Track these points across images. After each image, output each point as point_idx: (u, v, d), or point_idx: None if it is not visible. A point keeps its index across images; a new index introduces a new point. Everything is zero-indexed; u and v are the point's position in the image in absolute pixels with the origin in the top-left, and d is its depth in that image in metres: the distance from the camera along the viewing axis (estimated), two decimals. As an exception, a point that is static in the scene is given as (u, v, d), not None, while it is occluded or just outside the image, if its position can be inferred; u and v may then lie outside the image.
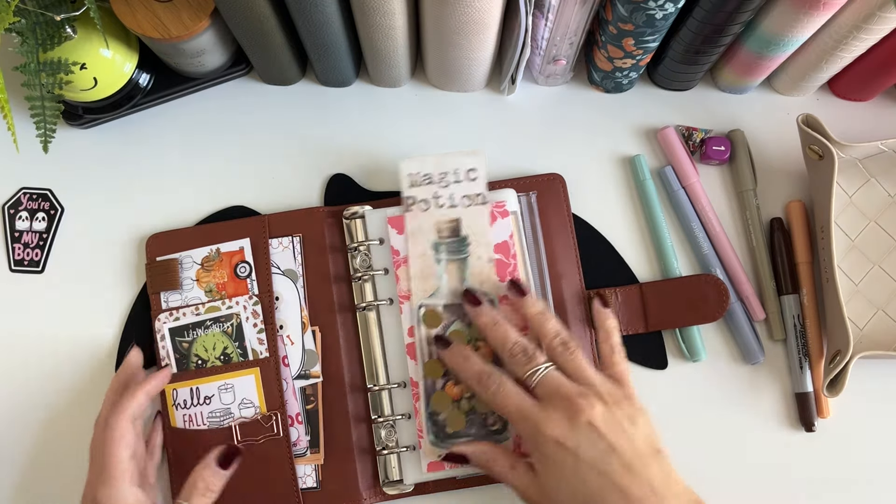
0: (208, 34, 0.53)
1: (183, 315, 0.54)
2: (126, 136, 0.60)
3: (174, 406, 0.53)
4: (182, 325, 0.54)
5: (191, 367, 0.53)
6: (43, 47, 0.49)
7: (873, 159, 0.58)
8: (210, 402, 0.53)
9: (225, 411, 0.53)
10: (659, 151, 0.60)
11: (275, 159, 0.60)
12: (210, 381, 0.53)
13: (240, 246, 0.55)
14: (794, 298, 0.56)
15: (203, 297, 0.54)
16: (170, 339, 0.54)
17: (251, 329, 0.54)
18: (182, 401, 0.53)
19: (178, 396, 0.53)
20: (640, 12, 0.47)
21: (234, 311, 0.54)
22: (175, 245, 0.55)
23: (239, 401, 0.53)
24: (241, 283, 0.55)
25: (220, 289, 0.55)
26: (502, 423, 0.51)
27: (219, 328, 0.54)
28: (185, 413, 0.53)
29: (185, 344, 0.54)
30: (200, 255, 0.55)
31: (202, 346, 0.54)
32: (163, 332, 0.54)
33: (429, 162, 0.53)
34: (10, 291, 0.57)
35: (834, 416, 0.55)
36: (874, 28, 0.48)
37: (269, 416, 0.53)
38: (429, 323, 0.52)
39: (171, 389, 0.53)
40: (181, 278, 0.55)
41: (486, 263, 0.52)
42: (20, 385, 0.56)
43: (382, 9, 0.49)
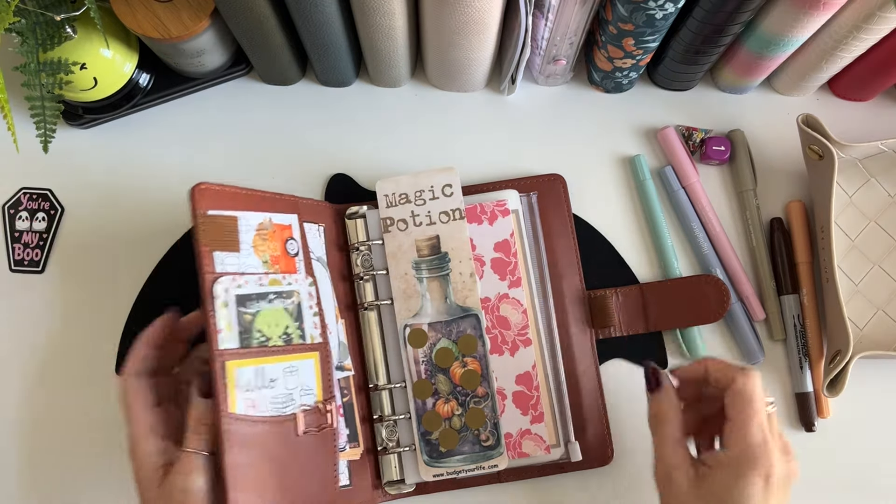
0: (208, 34, 0.53)
1: (245, 283, 0.46)
2: (126, 136, 0.60)
3: (236, 387, 0.44)
4: (246, 293, 0.46)
5: (253, 344, 0.46)
6: (43, 47, 0.49)
7: (873, 159, 0.58)
8: (274, 386, 0.46)
9: (287, 397, 0.47)
10: (659, 151, 0.60)
11: (275, 159, 0.60)
12: (276, 361, 0.47)
13: (289, 221, 0.51)
14: (794, 298, 0.56)
15: (260, 267, 0.48)
16: (235, 307, 0.46)
17: (308, 311, 0.50)
18: (245, 381, 0.45)
19: (241, 376, 0.45)
20: (640, 12, 0.47)
21: (293, 288, 0.49)
22: (228, 202, 0.48)
23: (301, 387, 0.48)
24: (291, 260, 0.50)
25: (273, 262, 0.49)
26: (495, 438, 0.51)
27: (281, 304, 0.48)
28: (247, 397, 0.44)
29: (248, 316, 0.46)
30: (256, 220, 0.49)
31: (265, 321, 0.47)
32: (226, 298, 0.45)
33: (403, 182, 0.53)
34: (10, 291, 0.57)
35: (834, 417, 0.55)
36: (874, 28, 0.48)
37: (325, 406, 0.48)
38: (414, 343, 0.52)
39: (234, 368, 0.44)
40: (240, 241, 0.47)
41: (468, 279, 0.52)
42: (20, 385, 0.56)
43: (382, 9, 0.49)
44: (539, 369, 0.52)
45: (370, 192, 0.58)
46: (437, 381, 0.52)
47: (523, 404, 0.52)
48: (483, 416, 0.51)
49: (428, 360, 0.52)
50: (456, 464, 0.51)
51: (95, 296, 0.57)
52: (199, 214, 0.45)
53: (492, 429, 0.51)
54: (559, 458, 0.52)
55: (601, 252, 0.58)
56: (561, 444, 0.52)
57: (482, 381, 0.52)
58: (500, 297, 0.53)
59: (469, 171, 0.59)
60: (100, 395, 0.55)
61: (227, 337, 0.44)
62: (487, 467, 0.51)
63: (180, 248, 0.57)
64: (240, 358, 0.45)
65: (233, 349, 0.44)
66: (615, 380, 0.56)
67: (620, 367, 0.56)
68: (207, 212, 0.46)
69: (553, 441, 0.52)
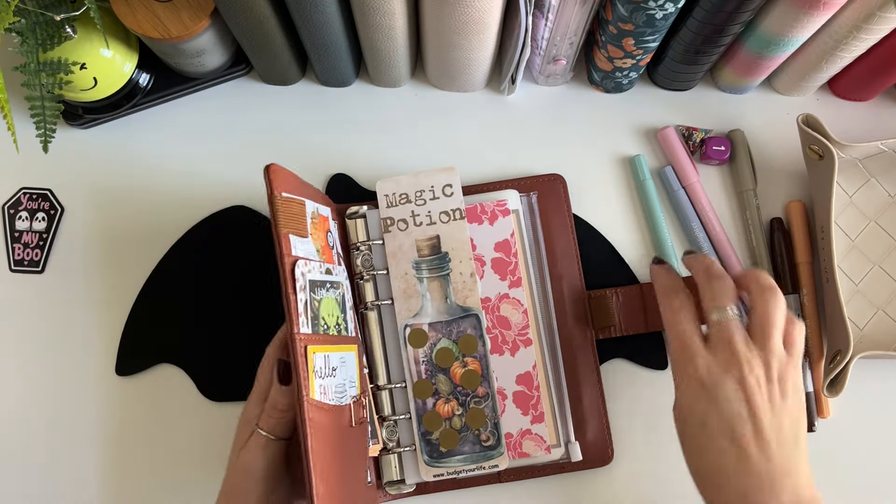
0: (208, 34, 0.53)
1: (311, 270, 0.45)
2: (126, 136, 0.60)
3: (314, 373, 0.43)
4: (314, 279, 0.45)
5: (320, 331, 0.45)
6: (43, 47, 0.49)
7: (873, 159, 0.58)
8: (335, 375, 0.45)
9: (342, 387, 0.46)
10: (659, 151, 0.60)
11: (275, 159, 0.59)
12: (336, 349, 0.46)
13: (327, 213, 0.51)
14: (795, 298, 0.56)
15: (317, 256, 0.47)
16: (308, 292, 0.44)
17: (348, 303, 0.49)
18: (318, 368, 0.43)
19: (316, 362, 0.43)
20: (640, 12, 0.47)
21: (339, 279, 0.48)
22: (294, 187, 0.47)
23: (349, 378, 0.47)
24: (330, 252, 0.49)
25: (322, 251, 0.48)
26: (496, 438, 0.51)
27: (334, 294, 0.47)
28: (321, 384, 0.43)
29: (316, 302, 0.45)
30: (310, 208, 0.48)
31: (326, 309, 0.46)
32: (304, 282, 0.44)
33: (404, 182, 0.53)
34: (9, 291, 0.57)
35: (835, 417, 0.55)
36: (874, 28, 0.48)
37: (362, 399, 0.48)
38: (414, 343, 0.52)
39: (313, 353, 0.43)
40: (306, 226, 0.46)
41: (469, 279, 0.52)
42: (20, 385, 0.56)
43: (382, 9, 0.49)
44: (539, 369, 0.52)
45: (370, 191, 0.58)
46: (437, 381, 0.52)
47: (524, 404, 0.52)
48: (483, 416, 0.51)
49: (428, 360, 0.52)
50: (456, 464, 0.51)
51: (95, 296, 0.57)
52: (277, 195, 0.44)
53: (492, 429, 0.51)
54: (559, 458, 0.52)
55: (601, 252, 0.58)
56: (561, 444, 0.52)
57: (482, 381, 0.52)
58: (501, 297, 0.53)
59: (469, 171, 0.59)
60: (99, 395, 0.55)
61: (304, 322, 0.43)
62: (488, 467, 0.51)
63: (180, 247, 0.57)
64: (315, 343, 0.44)
65: (309, 334, 0.43)
66: (615, 380, 0.56)
67: (620, 366, 0.56)
68: (283, 194, 0.45)
69: (553, 441, 0.51)
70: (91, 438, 0.55)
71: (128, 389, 0.56)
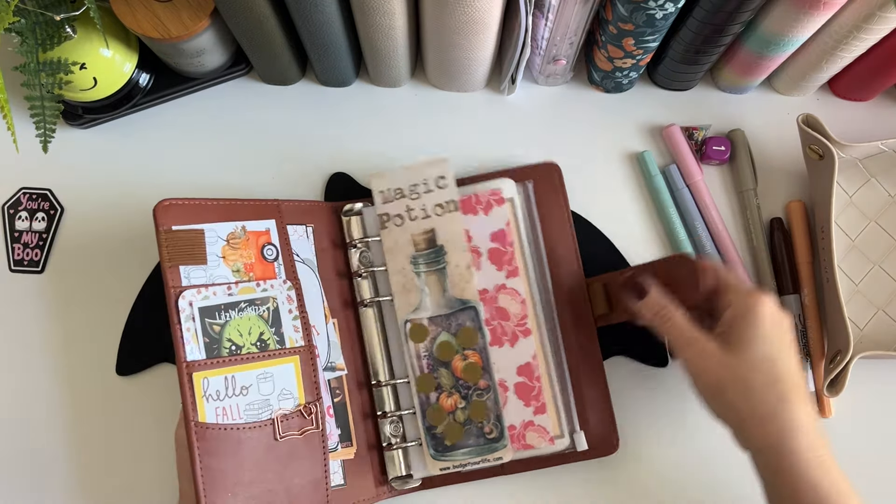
0: (208, 34, 0.53)
1: (213, 294, 0.48)
2: (126, 136, 0.60)
3: (204, 398, 0.46)
4: (212, 304, 0.48)
5: (223, 353, 0.47)
6: (43, 47, 0.49)
7: (873, 159, 0.58)
8: (248, 393, 0.47)
9: (263, 403, 0.48)
10: (660, 150, 0.60)
11: (275, 159, 0.60)
12: (248, 368, 0.48)
13: (266, 227, 0.52)
14: (795, 298, 0.56)
15: (231, 277, 0.49)
16: (200, 319, 0.47)
17: (287, 315, 0.50)
18: (214, 391, 0.46)
19: (209, 386, 0.46)
20: (640, 12, 0.47)
21: (269, 294, 0.50)
22: (193, 216, 0.49)
23: (279, 391, 0.49)
24: (268, 266, 0.51)
25: (247, 269, 0.50)
26: (499, 430, 0.51)
27: (254, 311, 0.49)
28: (217, 406, 0.46)
29: (217, 327, 0.47)
30: (226, 230, 0.50)
31: (236, 329, 0.48)
32: (191, 311, 0.47)
33: (398, 176, 0.53)
34: (9, 291, 0.57)
35: (836, 416, 0.55)
36: (874, 28, 0.48)
37: (309, 409, 0.49)
38: (415, 338, 0.52)
39: (202, 378, 0.46)
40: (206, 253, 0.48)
41: (465, 271, 0.52)
42: (19, 384, 0.56)
43: (382, 9, 0.49)
44: (540, 360, 0.52)
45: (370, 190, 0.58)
46: (439, 375, 0.52)
47: (525, 395, 0.51)
48: (486, 408, 0.51)
49: (429, 355, 0.52)
50: (461, 457, 0.51)
51: (95, 296, 0.57)
52: (163, 231, 0.47)
53: (495, 421, 0.51)
54: (564, 448, 0.52)
55: (602, 250, 0.57)
56: (565, 434, 0.51)
57: (483, 374, 0.52)
58: (498, 287, 0.52)
59: (469, 171, 0.58)
60: (99, 395, 0.55)
61: (193, 348, 0.46)
62: (493, 460, 0.51)
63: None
64: (207, 368, 0.46)
65: (199, 360, 0.46)
66: (619, 371, 0.56)
67: (622, 361, 0.56)
68: (172, 227, 0.48)
69: (557, 432, 0.51)
70: (90, 437, 0.55)
71: (128, 389, 0.56)
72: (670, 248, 0.58)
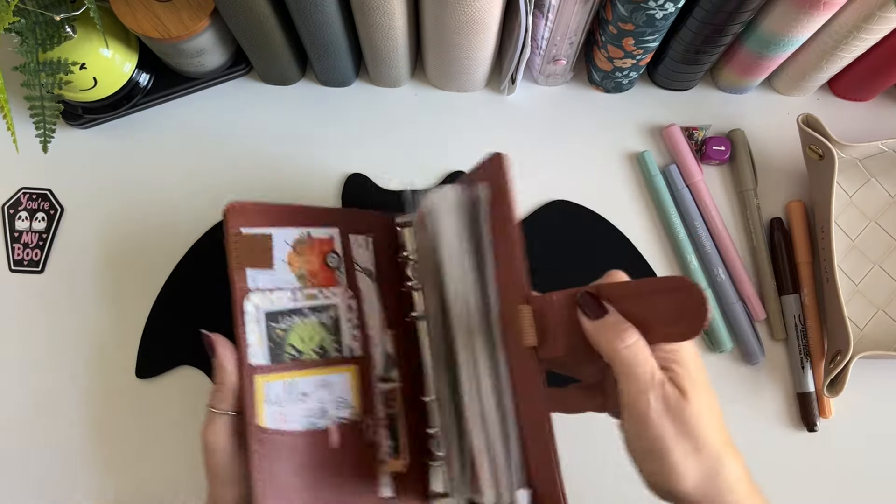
0: (208, 34, 0.53)
1: (278, 299, 0.48)
2: (126, 136, 0.60)
3: (265, 402, 0.46)
4: (278, 309, 0.48)
5: (285, 359, 0.47)
6: (43, 47, 0.49)
7: (873, 159, 0.58)
8: (306, 399, 0.47)
9: (321, 410, 0.48)
10: (660, 151, 0.60)
11: (274, 159, 0.60)
12: (309, 374, 0.48)
13: (329, 234, 0.52)
14: (795, 298, 0.56)
15: (296, 282, 0.49)
16: (265, 323, 0.47)
17: (346, 324, 0.50)
18: (275, 395, 0.46)
19: (270, 391, 0.46)
20: (640, 12, 0.47)
21: (331, 301, 0.50)
22: (262, 219, 0.49)
23: (336, 399, 0.48)
24: (330, 273, 0.51)
25: (311, 276, 0.50)
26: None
27: (316, 318, 0.49)
28: (277, 410, 0.46)
29: (280, 332, 0.48)
30: (292, 235, 0.50)
31: (298, 335, 0.48)
32: (256, 314, 0.47)
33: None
34: (9, 291, 0.57)
35: (836, 416, 0.55)
36: (874, 28, 0.48)
37: (363, 419, 0.49)
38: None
39: (263, 382, 0.46)
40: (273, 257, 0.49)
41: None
42: (19, 385, 0.56)
43: (382, 9, 0.49)
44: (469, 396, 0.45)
45: (386, 190, 0.58)
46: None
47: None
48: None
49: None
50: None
51: (95, 296, 0.57)
52: (232, 233, 0.47)
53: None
54: None
55: (622, 253, 0.57)
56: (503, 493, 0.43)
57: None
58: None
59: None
60: (98, 394, 0.55)
61: (256, 352, 0.46)
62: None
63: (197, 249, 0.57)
64: (269, 372, 0.46)
65: (262, 364, 0.46)
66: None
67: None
68: (241, 230, 0.48)
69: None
70: (90, 437, 0.55)
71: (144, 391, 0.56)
72: (671, 249, 0.58)
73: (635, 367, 0.35)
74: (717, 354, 0.56)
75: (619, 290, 0.37)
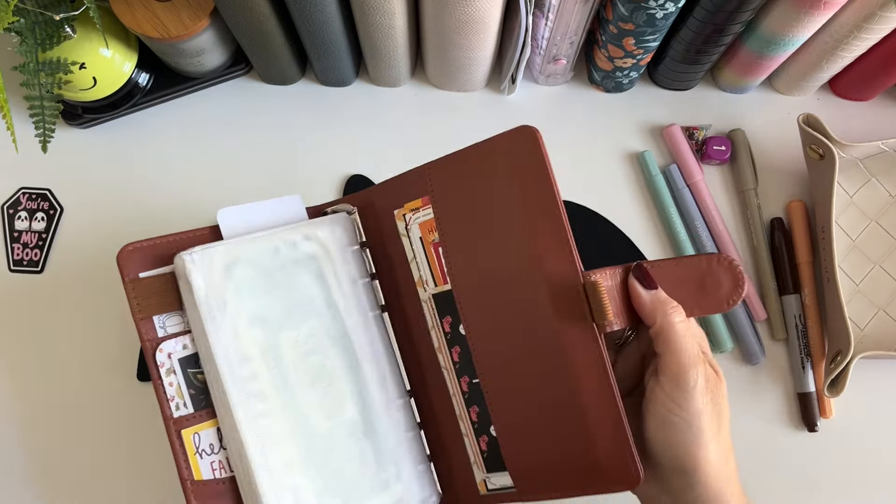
0: (208, 34, 0.53)
1: (192, 341, 0.44)
2: (125, 136, 0.60)
3: (197, 454, 0.43)
4: (192, 352, 0.44)
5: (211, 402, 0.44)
6: (42, 47, 0.49)
7: (874, 159, 0.58)
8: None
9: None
10: (660, 151, 0.60)
11: (274, 159, 0.59)
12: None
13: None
14: (796, 298, 0.56)
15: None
16: (182, 371, 0.43)
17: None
18: (208, 446, 0.43)
19: (200, 441, 0.43)
20: (640, 12, 0.47)
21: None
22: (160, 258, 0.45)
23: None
24: None
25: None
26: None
27: None
28: (212, 460, 0.43)
29: (201, 375, 0.44)
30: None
31: None
32: (171, 364, 0.43)
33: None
34: (9, 291, 0.57)
35: (837, 417, 0.55)
36: (875, 28, 0.48)
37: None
38: None
39: (191, 435, 0.43)
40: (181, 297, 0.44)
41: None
42: (19, 385, 0.56)
43: (382, 8, 0.49)
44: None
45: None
46: None
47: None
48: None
49: None
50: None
51: (94, 296, 0.57)
52: (129, 282, 0.43)
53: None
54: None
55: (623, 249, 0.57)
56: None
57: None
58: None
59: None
60: (97, 395, 0.55)
61: (178, 403, 0.43)
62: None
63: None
64: (197, 422, 0.43)
65: (186, 414, 0.43)
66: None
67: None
68: (139, 275, 0.44)
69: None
70: (90, 438, 0.55)
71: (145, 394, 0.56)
72: (671, 249, 0.58)
73: (687, 340, 0.36)
74: (718, 354, 0.56)
75: (656, 268, 0.40)
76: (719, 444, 0.37)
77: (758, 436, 0.55)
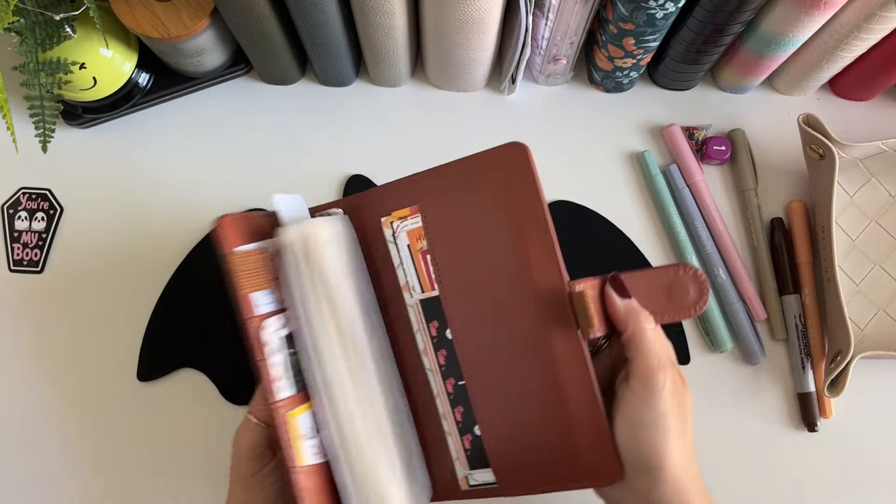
0: (208, 34, 0.53)
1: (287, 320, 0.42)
2: (125, 136, 0.60)
3: (301, 438, 0.40)
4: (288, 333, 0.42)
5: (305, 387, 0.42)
6: (42, 47, 0.49)
7: (874, 159, 0.58)
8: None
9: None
10: (660, 151, 0.60)
11: (274, 158, 0.59)
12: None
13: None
14: (796, 298, 0.56)
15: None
16: (286, 351, 0.41)
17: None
18: (308, 429, 0.41)
19: (301, 425, 0.41)
20: (640, 12, 0.47)
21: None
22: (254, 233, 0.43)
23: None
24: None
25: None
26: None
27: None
28: (314, 443, 0.41)
29: (294, 357, 0.42)
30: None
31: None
32: (279, 344, 0.41)
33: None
34: (9, 291, 0.57)
35: (837, 417, 0.55)
36: (875, 28, 0.48)
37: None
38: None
39: (292, 418, 0.40)
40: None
41: None
42: (19, 385, 0.56)
43: (382, 8, 0.49)
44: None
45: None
46: None
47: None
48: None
49: None
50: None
51: (94, 296, 0.57)
52: (228, 255, 0.41)
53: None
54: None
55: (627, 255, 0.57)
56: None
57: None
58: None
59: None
60: (99, 396, 0.55)
61: (283, 385, 0.41)
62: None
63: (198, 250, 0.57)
64: (298, 404, 0.41)
65: (289, 396, 0.41)
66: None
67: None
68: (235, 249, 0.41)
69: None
70: (90, 437, 0.55)
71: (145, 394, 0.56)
72: (671, 249, 0.58)
73: (657, 346, 0.38)
74: (718, 354, 0.56)
75: (629, 278, 0.41)
76: (684, 445, 0.38)
77: (758, 436, 0.55)
